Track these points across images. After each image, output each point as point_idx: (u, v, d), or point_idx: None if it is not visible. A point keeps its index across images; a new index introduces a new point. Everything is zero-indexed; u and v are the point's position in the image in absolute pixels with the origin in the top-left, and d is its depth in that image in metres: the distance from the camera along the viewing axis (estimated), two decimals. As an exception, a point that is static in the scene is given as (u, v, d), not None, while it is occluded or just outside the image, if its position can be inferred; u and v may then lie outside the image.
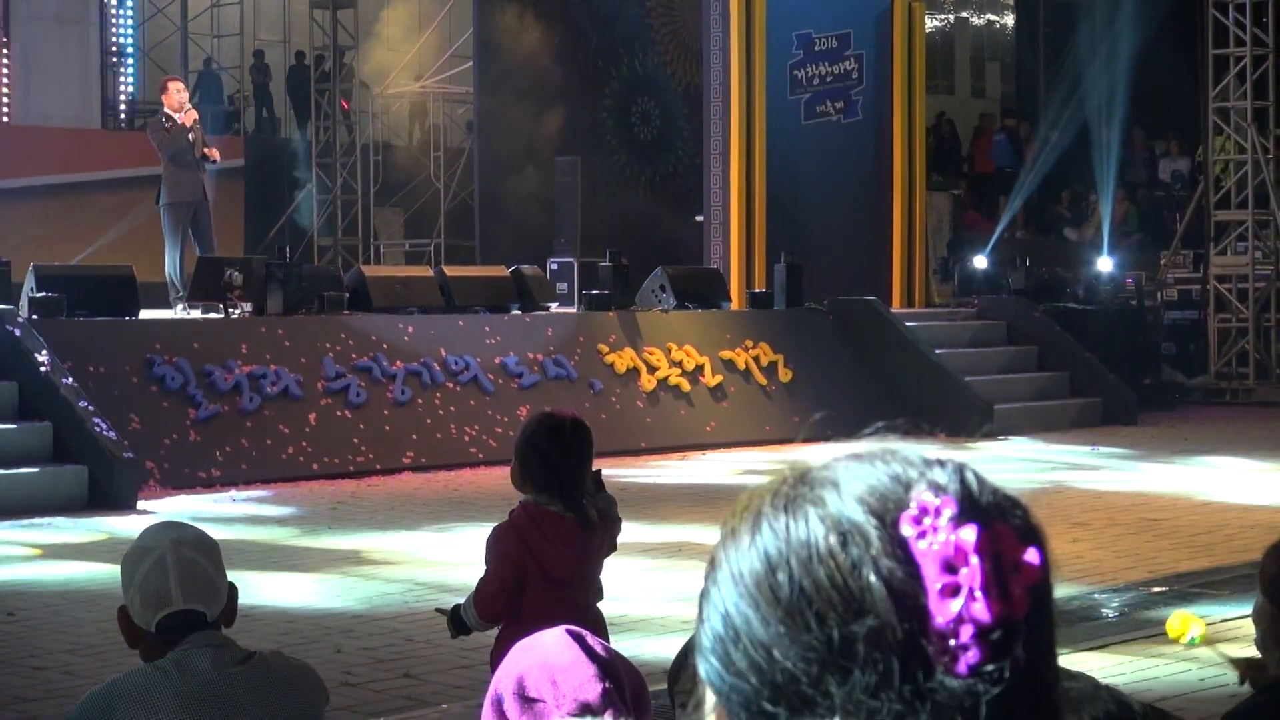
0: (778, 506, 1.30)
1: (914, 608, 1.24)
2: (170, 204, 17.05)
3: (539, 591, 4.95)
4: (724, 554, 1.32)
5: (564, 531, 4.98)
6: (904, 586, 1.24)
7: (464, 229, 24.63)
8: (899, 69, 22.09)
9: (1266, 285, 22.85)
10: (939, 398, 18.40)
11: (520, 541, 4.99)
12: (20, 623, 9.11)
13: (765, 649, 1.26)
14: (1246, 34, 22.67)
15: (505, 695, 2.82)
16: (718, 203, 20.86)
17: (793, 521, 1.28)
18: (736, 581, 1.29)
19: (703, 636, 1.32)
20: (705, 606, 1.32)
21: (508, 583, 5.00)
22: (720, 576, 1.31)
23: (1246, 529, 11.86)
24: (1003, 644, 1.24)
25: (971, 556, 1.24)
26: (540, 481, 5.03)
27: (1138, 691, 7.29)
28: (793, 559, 1.27)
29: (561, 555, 4.97)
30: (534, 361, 16.57)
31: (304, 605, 9.47)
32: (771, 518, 1.30)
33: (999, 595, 1.24)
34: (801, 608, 1.25)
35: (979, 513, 1.27)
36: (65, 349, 14.03)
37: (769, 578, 1.27)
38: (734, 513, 1.34)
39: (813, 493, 1.30)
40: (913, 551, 1.25)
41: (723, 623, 1.29)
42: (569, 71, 22.25)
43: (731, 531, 1.33)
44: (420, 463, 15.24)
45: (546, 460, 5.01)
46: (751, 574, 1.28)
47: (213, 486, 13.99)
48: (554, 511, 4.99)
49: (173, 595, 3.54)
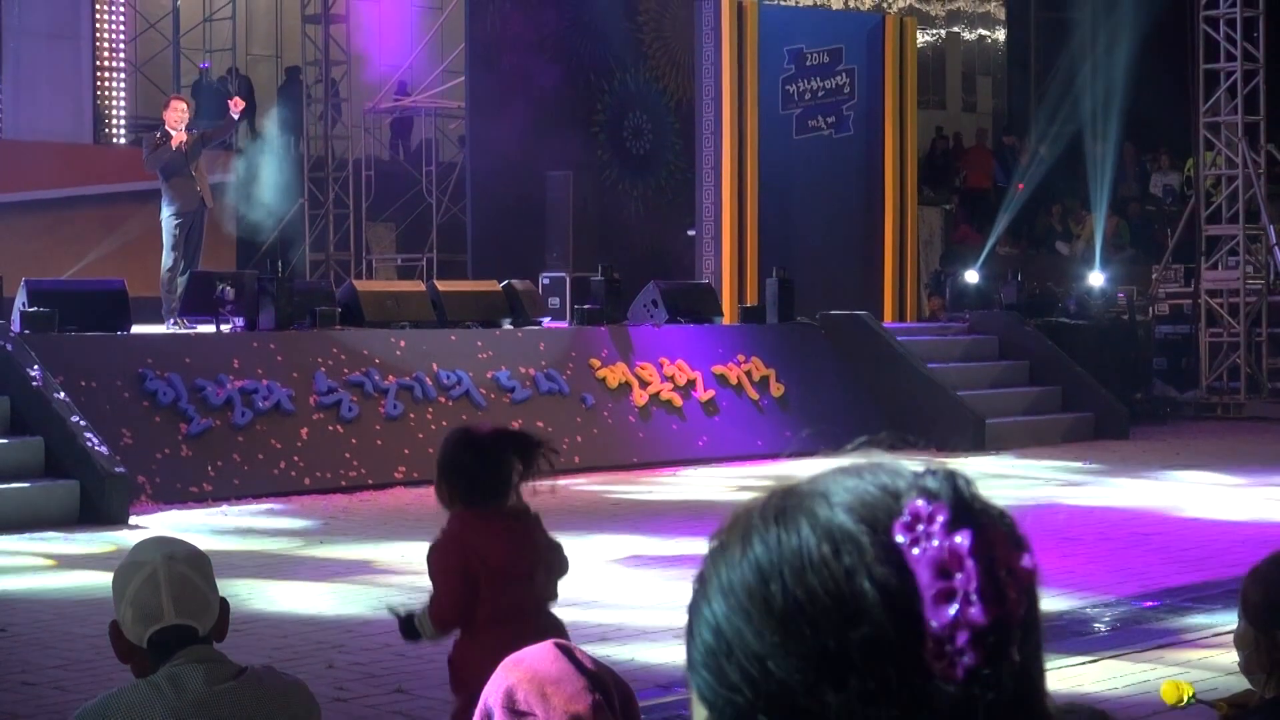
0: (767, 519, 1.30)
1: (909, 614, 1.24)
2: (169, 215, 17.11)
3: (490, 592, 4.97)
4: (713, 567, 1.32)
5: (500, 528, 5.02)
6: (898, 593, 1.24)
7: (456, 244, 24.62)
8: (890, 84, 22.12)
9: (1258, 300, 22.87)
10: (931, 412, 18.42)
11: (460, 549, 5.01)
12: (12, 638, 9.10)
13: (759, 661, 1.26)
14: (1237, 49, 22.72)
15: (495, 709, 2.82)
16: (710, 217, 20.88)
17: (783, 532, 1.29)
18: (728, 594, 1.29)
19: (693, 650, 1.32)
20: (695, 620, 1.32)
21: (458, 593, 5.01)
22: (710, 590, 1.31)
23: (1237, 544, 11.87)
24: (999, 647, 1.24)
25: (966, 560, 1.24)
26: (468, 497, 5.04)
27: (1127, 707, 7.29)
28: (785, 569, 1.27)
29: (502, 548, 4.99)
30: (526, 376, 16.57)
31: (296, 620, 9.46)
32: (762, 530, 1.30)
33: (995, 599, 1.24)
34: (795, 618, 1.25)
35: (972, 518, 1.27)
36: (57, 364, 14.02)
37: (761, 589, 1.27)
38: (722, 527, 1.34)
39: (802, 504, 1.30)
40: (906, 558, 1.25)
41: (714, 636, 1.29)
42: (561, 86, 22.27)
43: (720, 545, 1.33)
44: (412, 477, 15.22)
45: (474, 479, 5.03)
46: (743, 586, 1.28)
47: (205, 501, 13.97)
48: (487, 512, 5.02)
49: (165, 610, 3.54)
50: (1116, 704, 7.40)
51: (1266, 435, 20.01)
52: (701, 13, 21.04)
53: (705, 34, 20.95)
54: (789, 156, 21.41)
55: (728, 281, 20.58)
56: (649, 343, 17.67)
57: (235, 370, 14.95)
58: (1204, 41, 23.10)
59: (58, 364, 14.03)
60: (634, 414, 17.10)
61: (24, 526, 12.61)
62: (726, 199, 20.77)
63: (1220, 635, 8.30)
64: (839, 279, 21.18)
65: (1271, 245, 22.96)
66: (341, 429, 15.24)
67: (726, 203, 20.77)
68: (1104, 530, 12.74)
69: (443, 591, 5.05)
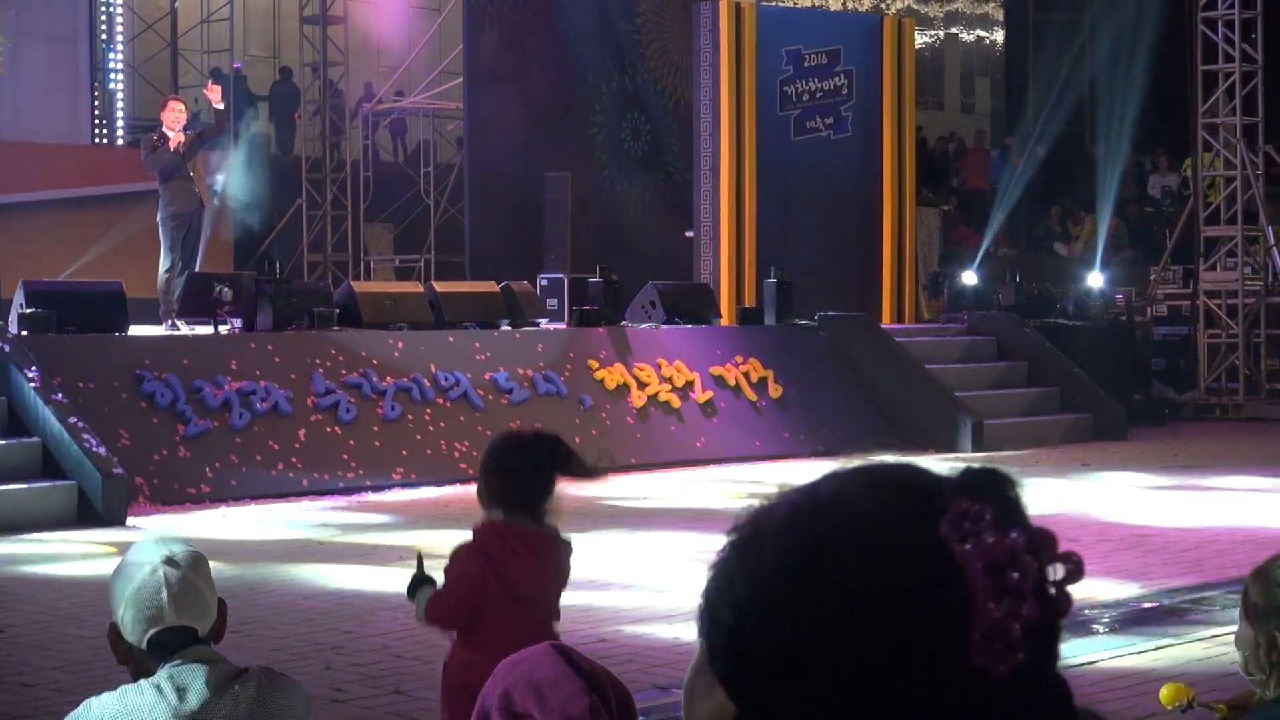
0: (802, 512, 1.30)
1: (957, 608, 1.25)
2: (167, 216, 17.10)
3: (500, 609, 4.90)
4: (741, 562, 1.31)
5: (531, 546, 4.94)
6: (945, 587, 1.25)
7: (454, 245, 24.61)
8: (889, 85, 22.12)
9: (1256, 301, 22.87)
10: (929, 413, 18.42)
11: (484, 561, 4.93)
12: (9, 639, 9.09)
13: (790, 649, 1.27)
14: (1236, 50, 22.72)
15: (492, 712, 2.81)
16: (708, 218, 20.87)
17: (820, 527, 1.28)
18: (759, 582, 1.29)
19: (715, 638, 1.31)
20: (722, 611, 1.31)
21: (464, 601, 4.95)
22: (738, 583, 1.30)
23: (1236, 544, 11.87)
24: (1046, 642, 1.27)
25: (1024, 558, 1.26)
26: (510, 501, 4.99)
27: (1127, 709, 7.29)
28: (821, 564, 1.27)
29: (527, 570, 4.92)
30: (524, 377, 16.57)
31: (293, 621, 9.45)
32: (792, 525, 1.30)
33: (1046, 596, 1.26)
34: (836, 613, 1.26)
35: (1019, 516, 1.29)
36: (55, 365, 14.02)
37: (803, 582, 1.27)
38: (749, 518, 1.33)
39: (834, 501, 1.30)
40: (953, 553, 1.26)
41: (739, 624, 1.29)
42: (559, 87, 22.26)
43: (747, 540, 1.32)
44: (410, 479, 15.22)
45: (520, 480, 4.96)
46: (780, 574, 1.28)
47: (202, 503, 13.97)
48: (521, 528, 4.94)
49: (164, 611, 3.53)
50: (1115, 705, 7.39)
51: (1264, 436, 20.01)
52: (700, 14, 21.03)
53: (703, 35, 20.95)
54: (787, 157, 21.40)
55: (726, 282, 20.57)
56: (647, 344, 17.66)
57: (233, 372, 14.95)
58: (1202, 43, 23.10)
59: (56, 365, 14.03)
60: (632, 415, 17.09)
61: (21, 528, 12.60)
62: (725, 200, 20.77)
63: (1218, 636, 8.29)
64: (837, 280, 21.18)
65: (1270, 246, 22.97)
66: (339, 430, 15.23)
67: (725, 204, 20.77)
68: (1102, 531, 12.72)
69: (450, 594, 5.01)
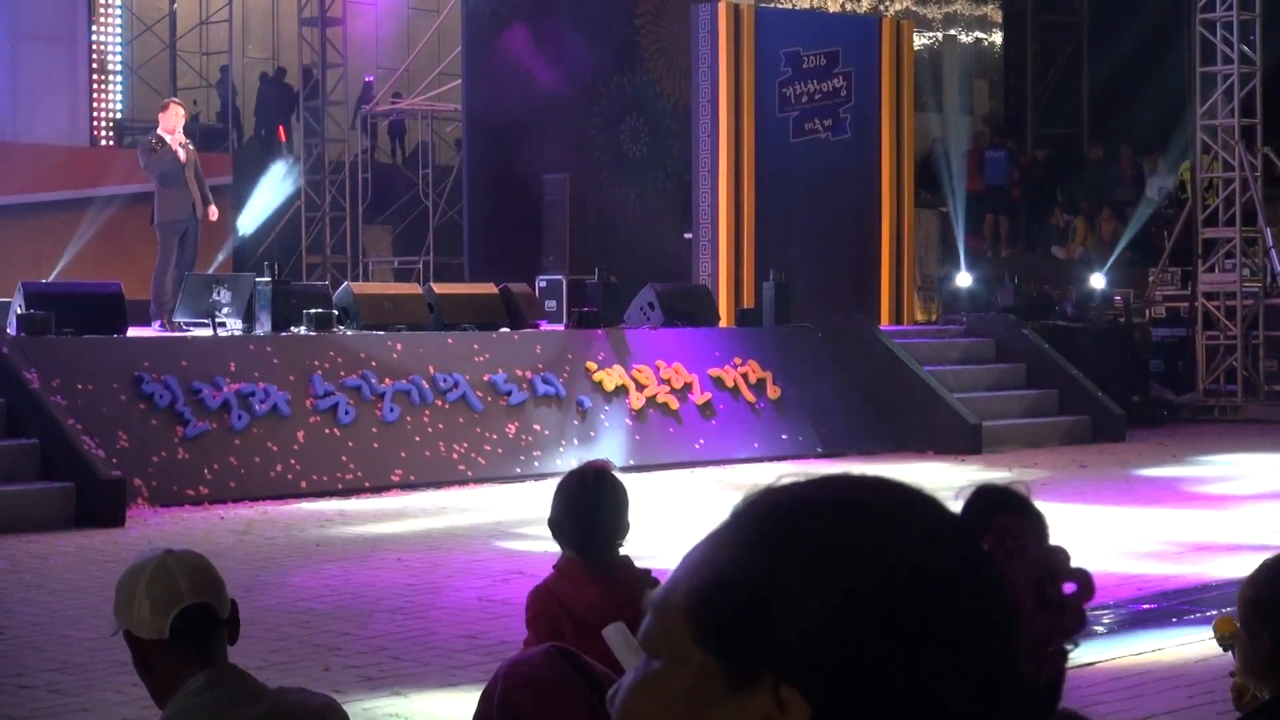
0: (846, 523, 1.32)
1: (1004, 621, 1.32)
2: (163, 223, 17.11)
3: (576, 640, 4.90)
4: (790, 569, 1.31)
5: (591, 578, 4.93)
6: (991, 600, 1.32)
7: (453, 246, 24.62)
8: (887, 86, 22.12)
9: (1254, 303, 22.88)
10: (927, 415, 18.42)
11: (551, 596, 4.96)
12: (7, 641, 9.08)
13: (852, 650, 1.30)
14: (1234, 52, 22.72)
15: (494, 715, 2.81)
16: (706, 220, 20.87)
17: (865, 538, 1.32)
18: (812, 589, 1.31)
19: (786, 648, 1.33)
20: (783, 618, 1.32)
21: (543, 639, 4.96)
22: (790, 588, 1.31)
23: (1234, 546, 11.87)
24: (1073, 653, 1.36)
25: (1070, 572, 1.35)
26: (568, 535, 4.99)
27: (1124, 711, 7.29)
28: (870, 575, 1.30)
29: (589, 595, 4.90)
30: (523, 379, 16.57)
31: (292, 623, 9.45)
32: (834, 534, 1.32)
33: (1084, 609, 1.36)
34: (888, 622, 1.29)
35: (1048, 534, 1.37)
36: (53, 366, 14.02)
37: (864, 590, 1.30)
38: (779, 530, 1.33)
39: (880, 516, 1.33)
40: (999, 568, 1.33)
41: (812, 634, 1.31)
42: (558, 89, 22.26)
43: (786, 548, 1.32)
44: (409, 481, 15.23)
45: (571, 512, 4.95)
46: (839, 588, 1.30)
47: (201, 504, 13.97)
48: (581, 563, 4.94)
49: (182, 590, 3.55)
50: (1114, 706, 7.40)
51: (1263, 438, 20.00)
52: (698, 15, 21.04)
53: (702, 37, 20.95)
54: (786, 159, 21.40)
55: (724, 284, 20.57)
56: (646, 345, 17.66)
57: (232, 373, 14.94)
58: (1201, 44, 23.11)
59: (54, 366, 14.02)
60: (630, 417, 17.09)
61: (20, 529, 12.59)
62: (723, 202, 20.77)
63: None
64: (836, 282, 21.17)
65: (1268, 248, 22.97)
66: (338, 432, 15.23)
67: (723, 205, 20.76)
68: (1101, 533, 12.72)
69: (530, 638, 5.00)
